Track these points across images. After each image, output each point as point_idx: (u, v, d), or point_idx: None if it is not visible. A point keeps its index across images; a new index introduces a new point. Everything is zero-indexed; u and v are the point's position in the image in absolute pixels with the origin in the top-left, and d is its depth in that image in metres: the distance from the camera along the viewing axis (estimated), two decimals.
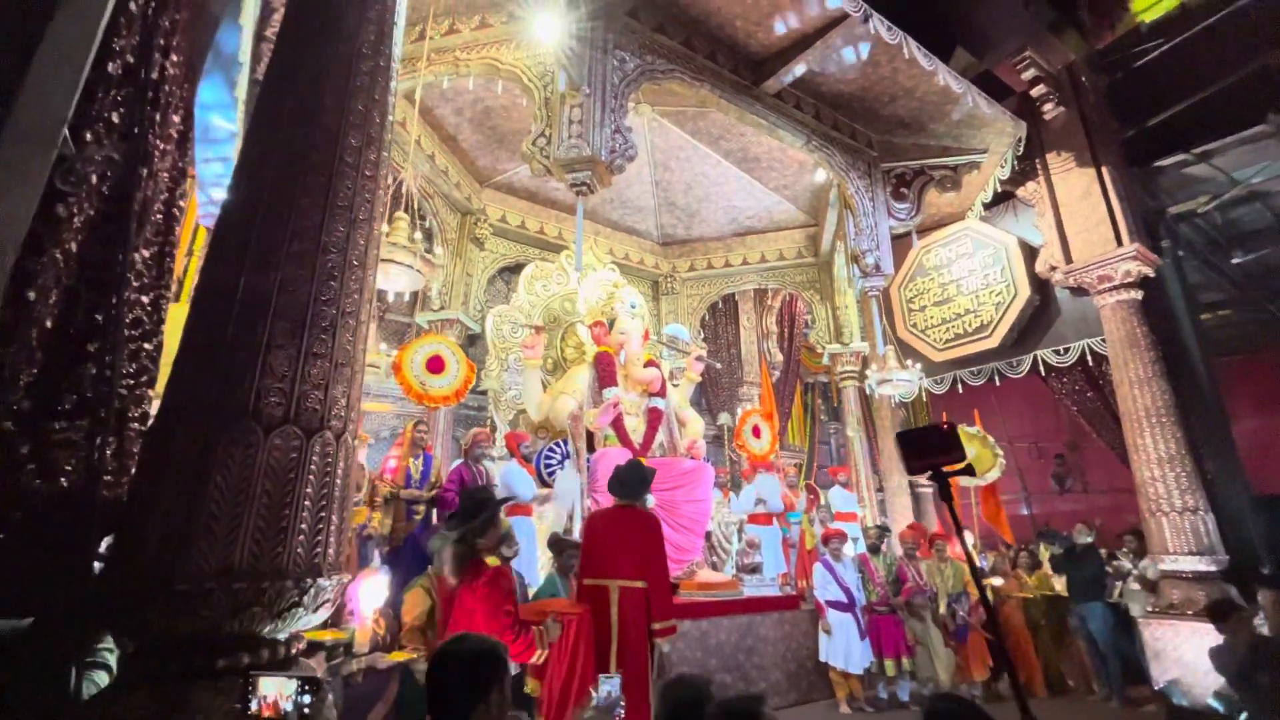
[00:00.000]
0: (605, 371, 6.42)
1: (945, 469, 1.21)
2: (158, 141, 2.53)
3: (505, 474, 5.70)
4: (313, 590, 1.55)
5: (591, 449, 6.14)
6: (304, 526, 1.57)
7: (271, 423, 1.58)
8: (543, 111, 5.00)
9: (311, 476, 1.61)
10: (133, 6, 2.04)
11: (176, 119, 2.76)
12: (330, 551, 1.65)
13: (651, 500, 5.63)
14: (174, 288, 3.02)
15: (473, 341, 8.23)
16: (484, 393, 7.32)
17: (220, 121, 3.02)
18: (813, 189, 8.22)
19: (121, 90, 2.15)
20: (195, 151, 3.31)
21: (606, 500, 5.23)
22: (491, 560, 2.83)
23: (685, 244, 9.71)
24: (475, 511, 2.88)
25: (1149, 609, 5.53)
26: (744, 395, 10.46)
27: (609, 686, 2.21)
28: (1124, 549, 6.33)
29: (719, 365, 9.88)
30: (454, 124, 7.16)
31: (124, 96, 2.12)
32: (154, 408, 2.00)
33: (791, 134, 6.28)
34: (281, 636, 1.55)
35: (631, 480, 3.78)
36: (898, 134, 6.94)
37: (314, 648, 2.69)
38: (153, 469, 1.55)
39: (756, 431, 7.54)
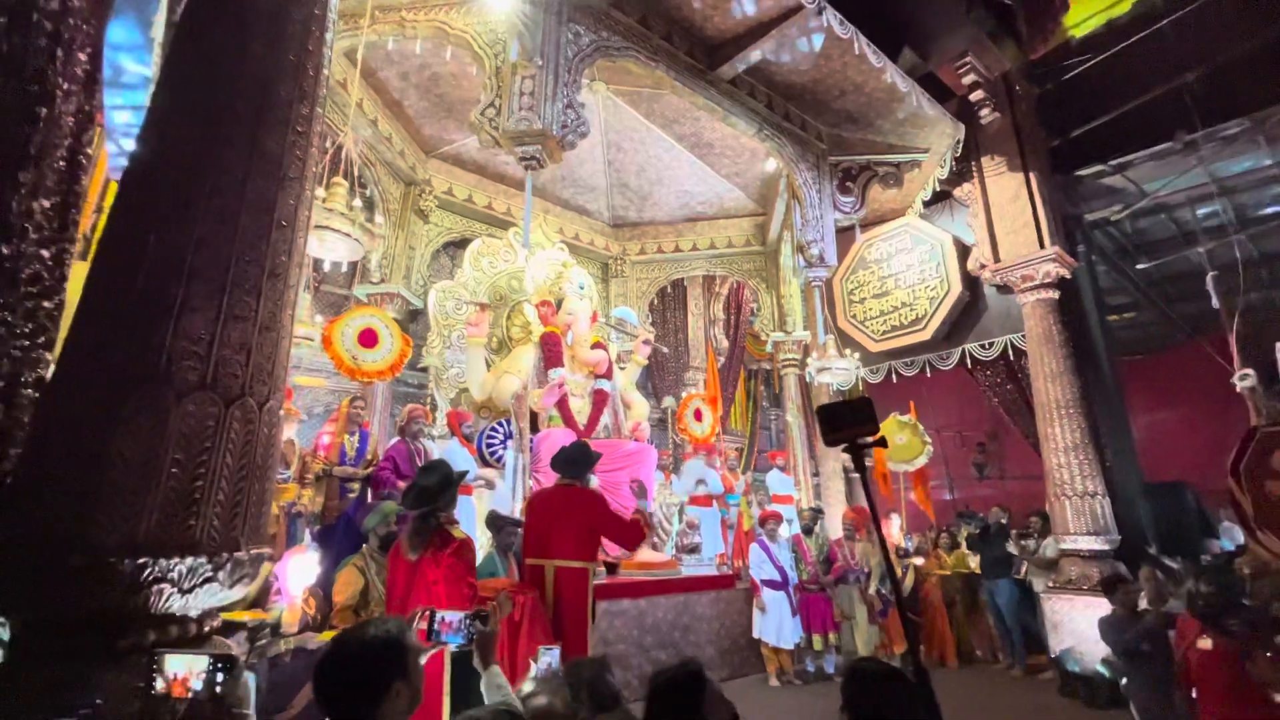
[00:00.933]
0: (551, 352, 6.36)
1: (859, 441, 1.25)
2: (59, 79, 2.30)
3: (447, 453, 5.56)
4: (229, 565, 1.47)
5: (535, 429, 6.09)
6: (220, 498, 1.48)
7: (185, 388, 1.48)
8: (493, 81, 4.84)
9: (231, 445, 1.52)
10: None
11: (83, 57, 2.51)
12: (250, 525, 1.57)
13: (595, 481, 5.65)
14: (80, 245, 2.77)
15: (414, 317, 7.96)
16: (425, 370, 7.12)
17: (133, 65, 2.76)
18: (763, 178, 8.34)
19: (15, 19, 1.93)
20: (104, 97, 3.03)
21: (549, 480, 5.22)
22: (457, 533, 2.78)
23: (636, 226, 9.68)
24: (443, 486, 2.84)
25: (1049, 584, 6.00)
26: (690, 380, 10.59)
27: (548, 658, 2.22)
28: (1029, 529, 6.85)
29: (666, 350, 9.96)
30: (399, 89, 6.84)
31: (17, 25, 1.91)
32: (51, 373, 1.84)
33: (744, 121, 6.33)
34: (193, 614, 1.46)
35: (577, 459, 3.79)
36: (846, 128, 7.11)
37: (234, 628, 2.58)
38: (47, 435, 1.43)
39: (698, 415, 7.67)
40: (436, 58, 6.19)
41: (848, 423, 1.24)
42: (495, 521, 4.31)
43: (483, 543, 5.11)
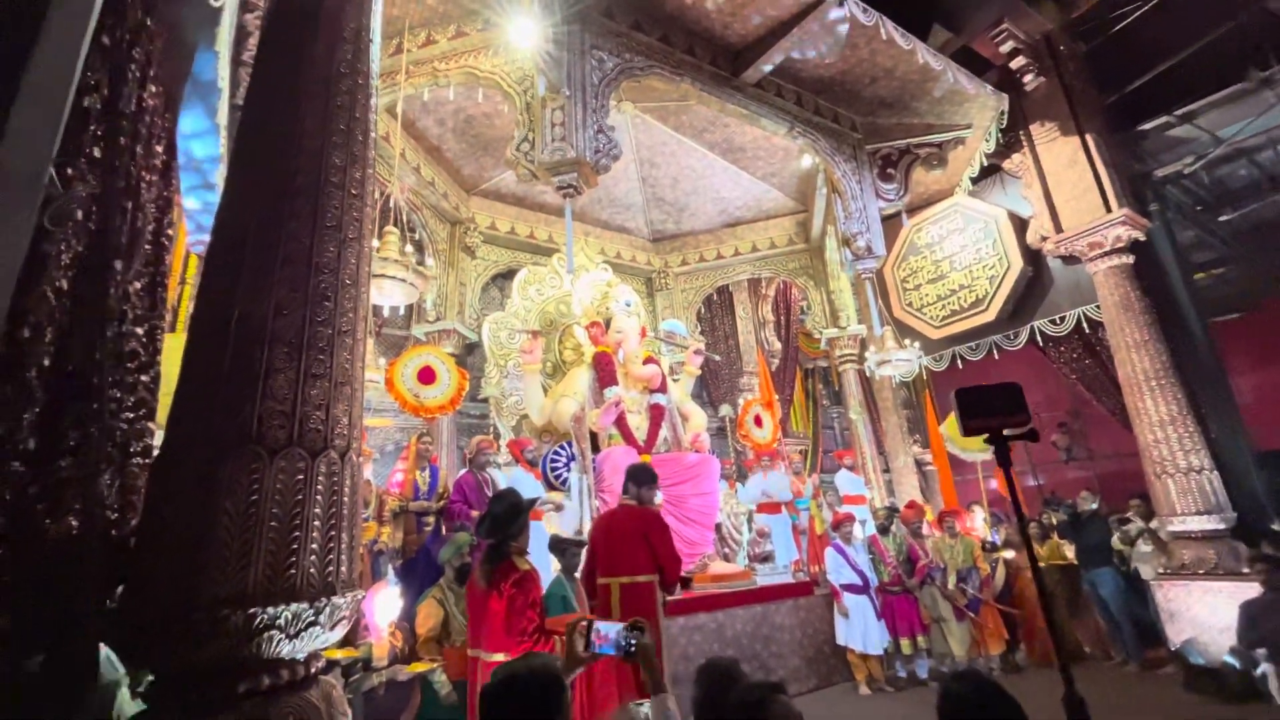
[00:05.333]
0: (605, 371, 6.43)
1: (1006, 431, 1.03)
2: (142, 173, 2.53)
3: (513, 480, 5.71)
4: (328, 609, 1.56)
5: (596, 449, 6.16)
6: (314, 547, 1.58)
7: (276, 446, 1.59)
8: (524, 116, 5.00)
9: (319, 496, 1.62)
10: (105, 40, 2.04)
11: (159, 149, 2.76)
12: (343, 570, 1.66)
13: (660, 497, 5.65)
14: (169, 317, 3.01)
15: (471, 350, 8.23)
16: (485, 400, 7.33)
17: (202, 149, 3.02)
18: (800, 175, 8.23)
19: (101, 125, 2.16)
20: (180, 180, 3.31)
21: (614, 499, 5.26)
22: (521, 564, 2.82)
23: (676, 238, 9.72)
24: (512, 515, 2.89)
25: (1160, 571, 5.56)
26: (744, 385, 10.48)
27: (652, 708, 2.17)
28: (1130, 512, 6.36)
29: (718, 357, 9.89)
30: (437, 135, 7.16)
31: (103, 131, 2.12)
32: (156, 439, 2.00)
33: (774, 122, 6.28)
34: (300, 657, 1.56)
35: (638, 476, 3.81)
36: (881, 115, 6.94)
37: (329, 666, 2.71)
38: (160, 500, 1.56)
39: (759, 421, 7.57)
40: (469, 100, 6.46)
41: (994, 409, 1.03)
42: (558, 544, 4.36)
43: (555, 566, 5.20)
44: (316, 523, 1.60)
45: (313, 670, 1.60)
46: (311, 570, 1.55)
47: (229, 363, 1.62)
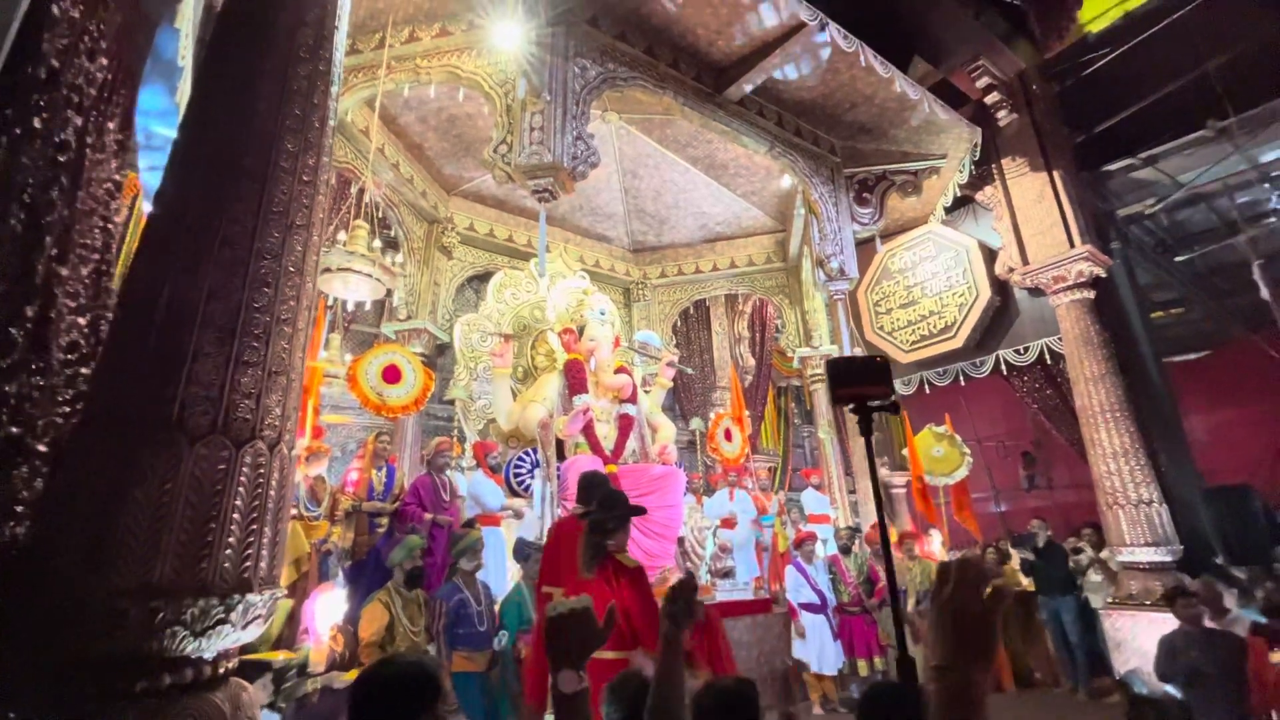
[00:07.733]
0: (575, 379, 6.37)
1: (870, 402, 1.11)
2: (88, 150, 2.44)
3: (473, 484, 5.63)
4: (241, 606, 1.50)
5: (562, 457, 6.09)
6: (232, 540, 1.51)
7: (197, 433, 1.53)
8: (504, 119, 4.98)
9: (241, 488, 1.56)
10: (55, 9, 1.98)
11: (112, 126, 2.67)
12: (263, 566, 1.59)
13: None
14: None
15: (441, 351, 8.12)
16: (452, 403, 7.22)
17: (162, 129, 2.93)
18: (780, 195, 8.33)
19: (45, 95, 2.08)
20: (140, 161, 3.21)
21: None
22: (627, 560, 2.84)
23: (656, 250, 9.75)
24: (606, 511, 2.89)
25: (1109, 600, 5.66)
26: (717, 400, 10.49)
27: None
28: (1082, 541, 6.48)
29: (691, 371, 9.90)
30: (418, 132, 7.10)
31: (47, 102, 2.05)
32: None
33: (755, 141, 6.36)
34: (207, 656, 1.49)
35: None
36: (860, 140, 7.07)
37: (261, 668, 2.61)
38: (67, 484, 1.49)
39: (728, 435, 7.58)
40: (452, 100, 6.42)
41: (857, 379, 1.10)
42: (523, 550, 4.30)
43: (514, 572, 5.11)
44: (236, 515, 1.53)
45: (221, 670, 1.53)
46: (226, 565, 1.49)
47: (153, 343, 1.56)
